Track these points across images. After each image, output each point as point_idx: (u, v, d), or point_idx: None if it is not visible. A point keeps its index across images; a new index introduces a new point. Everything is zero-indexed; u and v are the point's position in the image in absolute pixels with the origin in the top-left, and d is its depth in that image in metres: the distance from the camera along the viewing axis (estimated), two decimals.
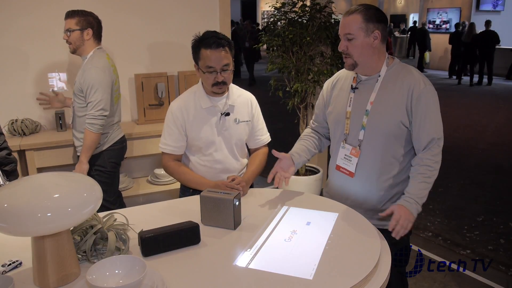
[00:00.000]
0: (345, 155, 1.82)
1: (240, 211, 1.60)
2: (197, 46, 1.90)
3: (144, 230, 1.40)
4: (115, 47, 3.23)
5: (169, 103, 2.06)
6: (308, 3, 3.72)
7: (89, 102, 2.48)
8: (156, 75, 3.31)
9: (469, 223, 3.65)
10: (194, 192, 1.99)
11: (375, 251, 1.39)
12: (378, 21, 1.67)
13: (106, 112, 2.51)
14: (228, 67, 1.89)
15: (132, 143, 3.11)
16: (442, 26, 13.70)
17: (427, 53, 12.87)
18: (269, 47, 3.80)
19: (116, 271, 1.17)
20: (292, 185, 3.56)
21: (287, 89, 3.86)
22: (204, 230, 1.53)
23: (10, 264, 1.29)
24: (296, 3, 3.71)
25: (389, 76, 1.73)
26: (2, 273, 1.26)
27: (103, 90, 2.48)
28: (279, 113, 5.46)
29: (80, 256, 1.32)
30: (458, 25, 11.52)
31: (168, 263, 1.34)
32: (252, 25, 12.20)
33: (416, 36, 13.21)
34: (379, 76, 1.74)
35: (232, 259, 1.36)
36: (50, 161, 2.92)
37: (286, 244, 1.44)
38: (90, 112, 2.47)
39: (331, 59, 3.67)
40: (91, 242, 1.32)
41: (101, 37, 2.63)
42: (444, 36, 12.52)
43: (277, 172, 1.83)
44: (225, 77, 1.90)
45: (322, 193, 3.71)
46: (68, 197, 1.14)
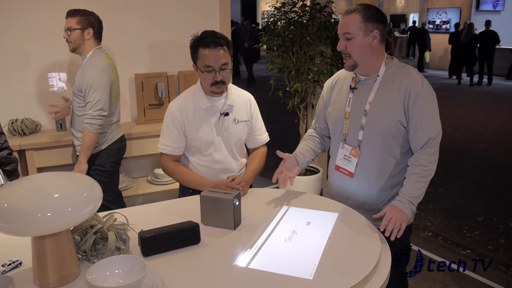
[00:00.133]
0: (345, 156, 1.82)
1: (240, 211, 1.60)
2: (196, 46, 1.90)
3: (144, 230, 1.40)
4: (115, 47, 3.23)
5: (169, 103, 2.06)
6: (308, 3, 3.72)
7: (88, 102, 2.48)
8: (156, 75, 3.31)
9: (469, 223, 3.65)
10: (194, 193, 1.99)
11: (375, 251, 1.39)
12: (377, 21, 1.67)
13: (105, 112, 2.50)
14: (227, 66, 1.89)
15: (132, 143, 3.11)
16: (442, 26, 13.70)
17: (427, 53, 12.87)
18: (269, 47, 3.80)
19: (116, 271, 1.17)
20: (292, 185, 3.55)
21: (287, 89, 3.86)
22: (204, 230, 1.53)
23: (10, 264, 1.29)
24: (296, 3, 3.71)
25: (388, 76, 1.72)
26: (2, 273, 1.26)
27: (102, 90, 2.48)
28: (279, 113, 5.46)
29: (80, 256, 1.32)
30: (458, 25, 11.51)
31: (168, 263, 1.34)
32: (252, 25, 12.21)
33: (416, 36, 13.21)
34: (378, 76, 1.73)
35: (232, 259, 1.36)
36: (50, 161, 2.92)
37: (286, 244, 1.44)
38: (89, 112, 2.47)
39: (331, 59, 3.67)
40: (91, 242, 1.32)
41: (102, 37, 2.63)
42: (444, 36, 12.52)
43: (282, 172, 1.84)
44: (224, 77, 1.90)
45: (322, 193, 3.71)
46: (68, 197, 1.14)
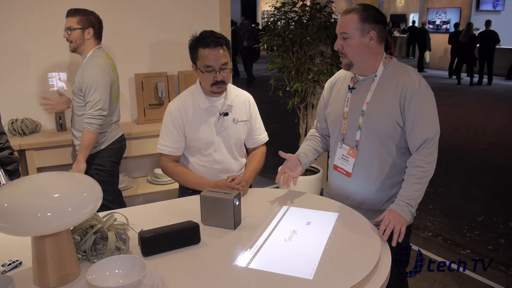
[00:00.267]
0: (343, 155, 1.83)
1: (240, 211, 1.60)
2: (195, 46, 1.89)
3: (144, 230, 1.40)
4: (115, 47, 3.23)
5: (169, 103, 2.05)
6: (308, 3, 3.72)
7: (88, 102, 2.48)
8: (156, 75, 3.31)
9: (469, 223, 3.65)
10: (194, 193, 1.99)
11: (375, 251, 1.39)
12: (375, 22, 1.66)
13: (105, 112, 2.50)
14: (227, 66, 1.89)
15: (132, 143, 3.11)
16: (442, 27, 13.70)
17: (427, 53, 12.86)
18: (269, 47, 3.80)
19: (116, 271, 1.17)
20: (292, 185, 3.55)
21: (287, 89, 3.86)
22: (204, 230, 1.53)
23: (10, 264, 1.29)
24: (296, 3, 3.71)
25: (385, 76, 1.72)
26: (2, 273, 1.26)
27: (102, 90, 2.48)
28: (279, 113, 5.46)
29: (80, 256, 1.32)
30: (457, 25, 11.54)
31: (168, 263, 1.34)
32: (252, 25, 12.19)
33: (416, 36, 13.21)
34: (375, 76, 1.73)
35: (232, 259, 1.36)
36: (50, 161, 2.92)
37: (286, 244, 1.44)
38: (89, 112, 2.47)
39: (331, 59, 3.67)
40: (91, 242, 1.32)
41: (102, 37, 2.63)
42: (444, 36, 12.52)
43: (285, 173, 1.84)
44: (224, 76, 1.89)
45: (323, 193, 3.71)
46: (68, 197, 1.14)
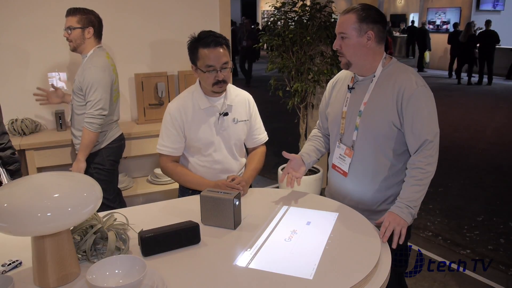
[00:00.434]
0: (340, 155, 1.83)
1: (240, 211, 1.60)
2: (195, 47, 1.89)
3: (144, 230, 1.40)
4: (115, 46, 3.23)
5: (168, 104, 2.05)
6: (308, 3, 3.72)
7: (88, 101, 2.48)
8: (156, 75, 3.31)
9: (469, 223, 3.65)
10: (194, 193, 1.99)
11: (375, 251, 1.39)
12: (374, 22, 1.65)
13: (105, 112, 2.50)
14: (227, 65, 1.89)
15: (132, 143, 3.10)
16: (443, 27, 13.69)
17: (427, 53, 12.86)
18: (269, 47, 3.80)
19: (116, 271, 1.17)
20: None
21: (287, 89, 3.86)
22: (204, 230, 1.53)
23: (10, 264, 1.29)
24: (296, 3, 3.71)
25: (384, 77, 1.72)
26: (2, 273, 1.26)
27: (103, 90, 2.48)
28: (279, 113, 5.46)
29: (80, 256, 1.32)
30: (457, 25, 11.59)
31: (168, 263, 1.34)
32: (252, 27, 12.15)
33: (416, 36, 13.21)
34: (374, 77, 1.73)
35: (232, 259, 1.36)
36: (50, 161, 2.92)
37: (286, 244, 1.44)
38: (89, 111, 2.47)
39: (331, 59, 3.67)
40: (91, 242, 1.32)
41: (102, 36, 2.63)
42: (444, 36, 12.51)
43: (289, 173, 1.85)
44: (225, 76, 1.90)
45: (322, 193, 3.70)
46: (68, 197, 1.14)
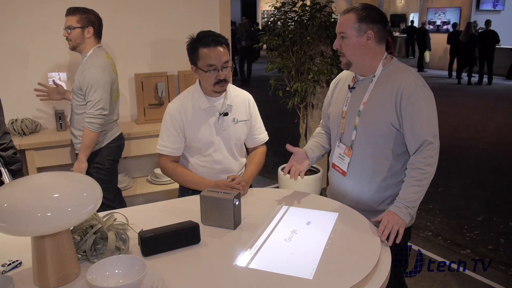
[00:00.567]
0: (340, 154, 1.84)
1: (240, 211, 1.60)
2: (195, 47, 1.88)
3: (144, 230, 1.40)
4: (115, 46, 3.23)
5: (168, 104, 2.05)
6: (308, 3, 3.72)
7: (89, 101, 2.48)
8: (156, 75, 3.31)
9: (469, 223, 3.65)
10: (194, 193, 1.99)
11: (375, 251, 1.39)
12: (373, 22, 1.65)
13: (106, 111, 2.50)
14: (228, 64, 1.90)
15: (132, 143, 3.10)
16: (443, 27, 13.69)
17: (427, 53, 12.86)
18: (269, 47, 3.80)
19: (116, 271, 1.17)
20: (292, 185, 3.56)
21: (287, 89, 3.86)
22: (204, 230, 1.53)
23: (10, 264, 1.29)
24: (296, 3, 3.71)
25: (383, 77, 1.71)
26: (2, 273, 1.26)
27: (103, 90, 2.48)
28: (279, 113, 5.46)
29: (80, 256, 1.32)
30: (456, 25, 11.64)
31: (168, 263, 1.34)
32: (251, 28, 12.11)
33: (416, 36, 13.22)
34: (374, 77, 1.73)
35: (232, 259, 1.36)
36: (50, 161, 2.92)
37: (286, 244, 1.44)
38: (90, 111, 2.47)
39: (331, 59, 3.67)
40: (91, 242, 1.32)
41: (102, 36, 2.63)
42: (445, 36, 12.51)
43: (292, 166, 1.86)
44: (226, 75, 1.90)
45: (322, 193, 3.70)
46: (68, 197, 1.14)
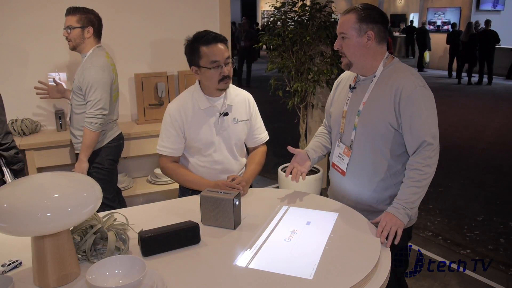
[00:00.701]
0: (339, 154, 1.84)
1: (240, 211, 1.60)
2: (195, 47, 1.88)
3: (144, 230, 1.40)
4: (115, 46, 3.23)
5: (168, 104, 2.05)
6: (308, 3, 3.72)
7: (89, 101, 2.48)
8: (156, 75, 3.31)
9: (469, 223, 3.65)
10: (194, 193, 1.99)
11: (375, 251, 1.39)
12: (374, 22, 1.65)
13: (106, 111, 2.50)
14: (230, 60, 1.91)
15: (132, 143, 3.10)
16: (443, 27, 13.69)
17: (427, 53, 12.86)
18: (269, 47, 3.80)
19: (116, 271, 1.17)
20: (292, 185, 3.56)
21: (287, 89, 3.86)
22: (204, 230, 1.53)
23: (10, 264, 1.29)
24: (296, 3, 3.71)
25: (383, 77, 1.71)
26: (2, 273, 1.26)
27: (103, 89, 2.48)
28: (279, 113, 5.46)
29: (80, 256, 1.32)
30: (455, 25, 11.67)
31: (168, 263, 1.34)
32: (250, 27, 12.08)
33: (416, 36, 13.22)
34: (374, 77, 1.73)
35: (232, 259, 1.36)
36: (50, 161, 2.92)
37: (286, 244, 1.44)
38: (90, 111, 2.47)
39: (331, 59, 3.67)
40: (91, 242, 1.32)
41: (101, 35, 2.63)
42: (444, 36, 12.51)
43: (294, 167, 1.86)
44: (229, 71, 1.91)
45: (322, 193, 3.71)
46: (68, 197, 1.14)
